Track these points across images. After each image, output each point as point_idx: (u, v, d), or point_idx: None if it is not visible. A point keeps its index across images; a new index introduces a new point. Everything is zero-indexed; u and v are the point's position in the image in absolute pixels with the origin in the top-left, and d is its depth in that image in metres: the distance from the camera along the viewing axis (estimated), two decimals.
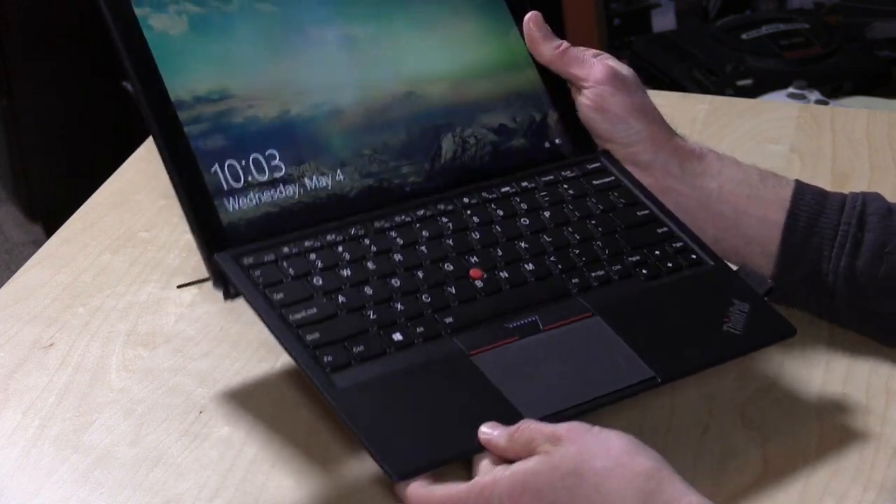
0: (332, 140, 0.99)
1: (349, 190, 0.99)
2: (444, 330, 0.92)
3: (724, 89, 2.33)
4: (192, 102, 0.95)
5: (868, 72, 2.46)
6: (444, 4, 1.05)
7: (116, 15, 0.95)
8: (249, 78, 0.97)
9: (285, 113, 0.98)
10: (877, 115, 1.35)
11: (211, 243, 0.93)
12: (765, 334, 0.97)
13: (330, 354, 0.88)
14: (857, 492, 0.91)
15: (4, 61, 2.30)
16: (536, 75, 1.07)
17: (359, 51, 1.01)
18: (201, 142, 0.95)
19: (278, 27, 0.99)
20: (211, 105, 0.96)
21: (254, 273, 0.92)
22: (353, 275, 0.93)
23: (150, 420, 1.00)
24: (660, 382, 0.92)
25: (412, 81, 1.03)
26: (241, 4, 0.98)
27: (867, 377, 1.01)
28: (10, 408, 1.01)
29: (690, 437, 0.96)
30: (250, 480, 0.94)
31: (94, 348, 1.07)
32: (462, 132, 1.03)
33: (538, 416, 0.87)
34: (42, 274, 1.16)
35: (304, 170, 0.97)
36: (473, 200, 1.00)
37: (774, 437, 0.96)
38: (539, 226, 1.00)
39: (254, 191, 0.96)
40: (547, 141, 1.06)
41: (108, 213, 1.23)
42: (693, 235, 1.02)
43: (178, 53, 0.96)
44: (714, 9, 2.76)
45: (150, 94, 0.94)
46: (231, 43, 0.98)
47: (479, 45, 1.06)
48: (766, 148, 1.29)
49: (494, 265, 0.96)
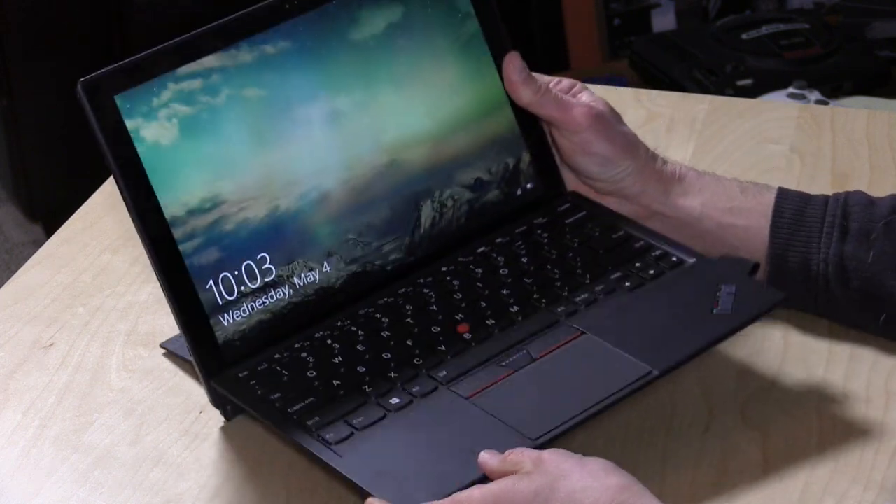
0: (318, 231, 1.00)
1: (335, 280, 1.00)
2: (439, 383, 0.94)
3: (724, 89, 2.33)
4: (186, 217, 0.95)
5: (868, 72, 2.46)
6: (426, 50, 1.04)
7: (109, 132, 0.94)
8: (239, 177, 0.97)
9: (274, 210, 0.98)
10: (877, 115, 1.35)
11: (210, 368, 0.95)
12: (754, 307, 0.97)
13: (331, 431, 0.90)
14: (857, 492, 0.91)
15: (4, 61, 2.30)
16: (512, 116, 1.07)
17: (343, 125, 1.01)
18: (196, 259, 0.95)
19: (266, 112, 0.98)
20: (203, 216, 0.96)
21: (250, 383, 0.94)
22: (345, 360, 0.96)
23: (150, 420, 1.00)
24: (657, 375, 0.92)
25: (393, 149, 1.02)
26: (230, 94, 0.97)
27: (867, 377, 1.01)
28: (10, 408, 1.01)
29: (691, 437, 0.96)
30: (251, 480, 0.94)
31: (94, 348, 1.07)
32: (440, 196, 1.04)
33: (542, 433, 0.89)
34: (42, 274, 1.16)
35: (293, 269, 0.98)
36: (451, 267, 1.02)
37: (774, 437, 0.96)
38: (519, 271, 1.02)
39: (246, 301, 0.97)
40: (519, 188, 1.07)
41: (108, 213, 1.23)
42: (670, 241, 1.03)
43: (171, 165, 0.95)
44: (714, 9, 2.76)
45: (145, 217, 0.94)
46: (221, 141, 0.97)
47: (458, 93, 1.05)
48: (766, 148, 1.29)
49: (481, 317, 0.98)
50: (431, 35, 1.04)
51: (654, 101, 1.38)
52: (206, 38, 0.97)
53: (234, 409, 0.97)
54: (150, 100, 0.95)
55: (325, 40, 1.00)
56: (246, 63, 0.98)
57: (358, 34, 1.02)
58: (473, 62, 1.06)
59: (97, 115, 0.93)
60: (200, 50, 0.96)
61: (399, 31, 1.03)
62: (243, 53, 0.98)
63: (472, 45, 1.06)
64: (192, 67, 0.96)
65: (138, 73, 0.95)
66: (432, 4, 1.04)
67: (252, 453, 0.97)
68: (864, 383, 1.01)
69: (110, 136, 0.94)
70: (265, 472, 0.95)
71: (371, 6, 1.02)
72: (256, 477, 0.95)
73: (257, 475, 0.95)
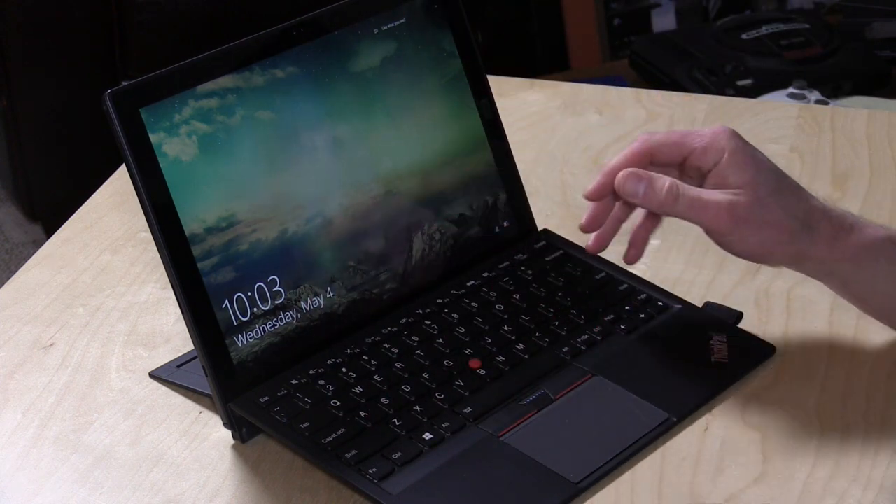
0: (322, 255, 1.01)
1: (338, 307, 1.01)
2: (466, 420, 0.96)
3: (724, 89, 2.33)
4: (204, 235, 0.96)
5: (868, 72, 2.46)
6: (417, 85, 1.07)
7: (134, 144, 0.94)
8: (252, 197, 0.98)
9: (283, 233, 0.99)
10: (877, 115, 1.35)
11: (226, 390, 0.96)
12: (749, 358, 1.02)
13: (374, 466, 0.92)
14: (857, 492, 0.91)
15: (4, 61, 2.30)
16: (490, 156, 1.10)
17: (344, 153, 1.03)
18: (213, 277, 0.96)
19: (276, 135, 1.00)
20: (220, 235, 0.96)
21: (273, 410, 0.95)
22: (366, 391, 0.97)
23: (150, 420, 1.00)
24: (676, 422, 0.97)
25: (389, 179, 1.05)
26: (244, 115, 0.99)
27: (867, 377, 1.01)
28: (10, 408, 1.01)
29: (691, 437, 0.96)
30: (250, 480, 0.94)
31: (94, 348, 1.07)
32: (429, 228, 1.06)
33: (583, 476, 0.92)
34: (42, 274, 1.16)
35: (300, 292, 1.00)
36: (446, 299, 1.05)
37: (774, 437, 0.96)
38: (515, 309, 1.05)
39: (258, 323, 0.98)
40: (497, 226, 1.10)
41: (108, 213, 1.23)
42: (650, 285, 1.08)
43: (190, 181, 0.96)
44: (714, 9, 2.76)
45: (167, 233, 0.95)
46: (235, 160, 0.98)
47: (444, 128, 1.09)
48: (766, 148, 1.29)
49: (489, 353, 1.01)
50: (421, 71, 1.08)
51: (654, 101, 1.38)
52: (222, 57, 0.98)
53: (249, 432, 0.97)
54: (172, 115, 0.95)
55: (327, 68, 1.03)
56: (258, 86, 0.99)
57: (357, 65, 1.05)
58: (457, 100, 1.10)
59: (123, 127, 0.94)
60: (217, 69, 0.98)
61: (393, 65, 1.06)
62: (256, 76, 0.99)
63: (455, 83, 1.10)
64: (209, 86, 0.97)
65: (162, 87, 0.95)
66: (421, 42, 1.08)
67: (252, 453, 0.97)
68: (864, 383, 1.01)
69: (136, 148, 0.94)
70: (265, 472, 0.95)
71: (369, 39, 1.05)
72: (256, 477, 0.95)
73: (257, 475, 0.95)
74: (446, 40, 1.09)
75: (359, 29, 1.04)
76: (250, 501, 0.93)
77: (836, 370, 1.02)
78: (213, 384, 0.96)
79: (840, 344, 1.04)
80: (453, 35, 1.09)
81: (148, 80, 0.96)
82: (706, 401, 0.99)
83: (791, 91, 2.22)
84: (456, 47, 1.09)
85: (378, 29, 1.05)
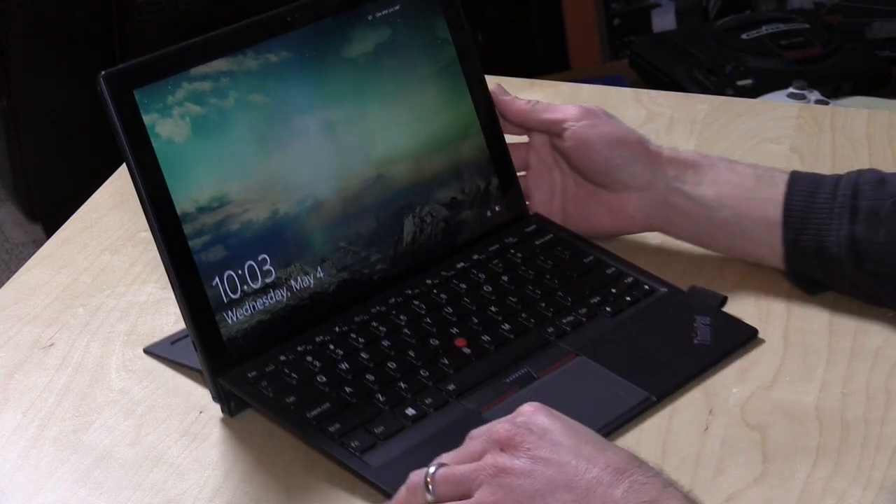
0: (313, 237, 1.02)
1: (328, 286, 1.03)
2: (449, 396, 0.97)
3: (724, 89, 2.33)
4: (196, 214, 0.97)
5: (868, 72, 2.46)
6: (410, 71, 1.09)
7: (128, 125, 0.95)
8: (244, 179, 1.00)
9: (275, 213, 1.01)
10: (877, 115, 1.35)
11: (215, 365, 0.97)
12: (732, 340, 1.04)
13: (356, 439, 0.93)
14: (857, 492, 0.91)
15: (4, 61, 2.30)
16: (483, 141, 1.12)
17: (336, 137, 1.04)
18: (204, 255, 0.98)
19: (269, 119, 1.01)
20: (211, 214, 0.98)
21: (261, 384, 0.97)
22: (352, 367, 0.98)
23: (150, 420, 1.00)
24: (655, 401, 0.98)
25: (381, 164, 1.06)
26: (237, 98, 1.00)
27: (867, 377, 1.01)
28: (10, 408, 1.01)
29: (690, 437, 0.96)
30: (250, 480, 0.94)
31: (94, 348, 1.07)
32: (420, 211, 1.08)
33: None
34: (42, 274, 1.16)
35: (290, 272, 1.01)
36: (436, 280, 1.06)
37: (774, 437, 0.96)
38: (503, 291, 1.06)
39: (249, 300, 0.99)
40: (488, 210, 1.12)
41: (108, 213, 1.23)
42: (638, 269, 1.09)
43: (183, 162, 0.97)
44: (714, 9, 2.76)
45: (158, 210, 0.96)
46: (228, 142, 1.00)
47: (437, 114, 1.10)
48: (766, 148, 1.29)
49: (475, 332, 1.02)
50: (414, 58, 1.09)
51: (654, 101, 1.38)
52: (216, 41, 1.00)
53: (237, 406, 0.99)
54: (165, 97, 0.97)
55: (321, 54, 1.04)
56: (252, 69, 1.01)
57: (351, 51, 1.06)
58: (450, 86, 1.11)
59: (117, 108, 0.95)
60: (211, 52, 0.99)
61: (386, 52, 1.07)
62: (249, 60, 1.01)
63: (449, 70, 1.11)
64: (203, 69, 0.99)
65: (156, 69, 0.97)
66: (415, 29, 1.09)
67: (252, 453, 0.97)
68: (864, 383, 1.01)
69: (129, 129, 0.95)
70: (265, 472, 0.95)
71: (363, 25, 1.06)
72: (256, 477, 0.95)
73: (257, 475, 0.95)
74: (440, 27, 1.10)
75: (353, 15, 1.06)
76: (250, 501, 0.93)
77: (836, 370, 1.02)
78: (203, 358, 0.97)
79: (840, 344, 1.04)
80: (447, 22, 1.11)
81: (142, 62, 0.97)
82: (686, 381, 1.00)
83: (791, 91, 2.22)
84: (450, 34, 1.11)
85: (372, 16, 1.07)
